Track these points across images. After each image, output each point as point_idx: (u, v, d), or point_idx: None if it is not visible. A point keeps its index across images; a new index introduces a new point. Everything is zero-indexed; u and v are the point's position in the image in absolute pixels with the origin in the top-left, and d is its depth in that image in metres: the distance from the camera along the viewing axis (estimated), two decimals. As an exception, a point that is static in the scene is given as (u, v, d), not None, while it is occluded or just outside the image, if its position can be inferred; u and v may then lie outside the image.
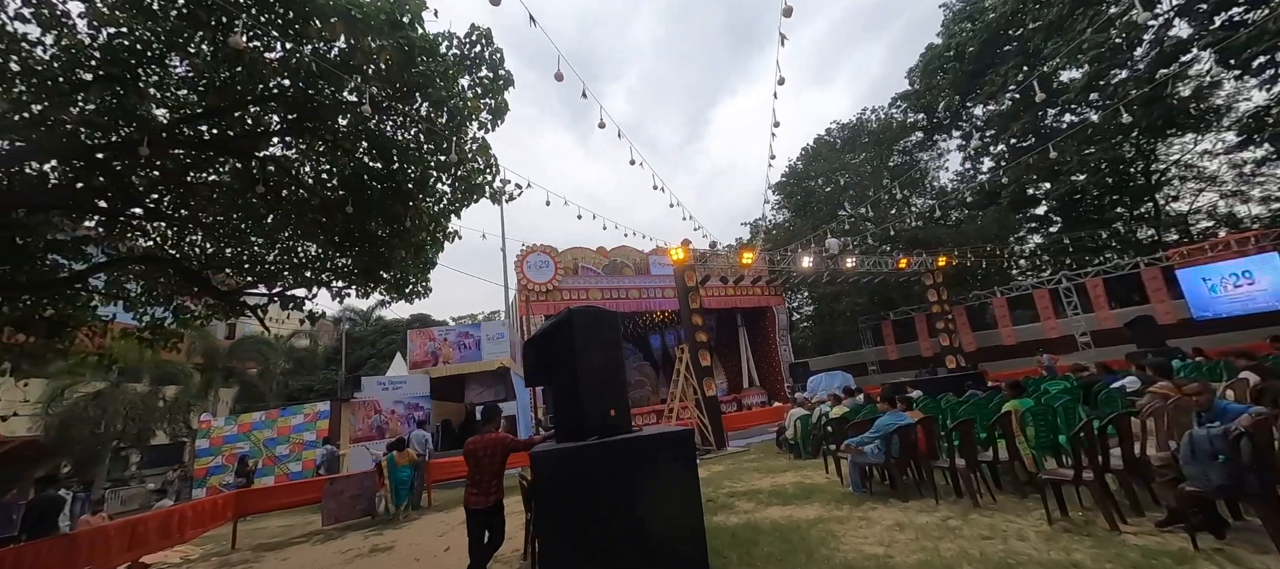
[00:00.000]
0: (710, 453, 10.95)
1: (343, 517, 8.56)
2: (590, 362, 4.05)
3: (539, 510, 3.42)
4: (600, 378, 4.08)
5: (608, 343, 4.24)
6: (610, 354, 4.22)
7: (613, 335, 4.33)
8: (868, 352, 24.21)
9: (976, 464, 5.16)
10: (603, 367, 4.12)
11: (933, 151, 28.20)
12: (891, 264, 15.74)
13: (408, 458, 9.36)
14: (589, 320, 4.16)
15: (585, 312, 4.19)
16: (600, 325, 4.22)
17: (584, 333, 4.09)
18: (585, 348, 4.06)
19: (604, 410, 4.04)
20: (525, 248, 19.71)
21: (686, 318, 11.96)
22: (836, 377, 14.59)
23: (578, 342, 4.04)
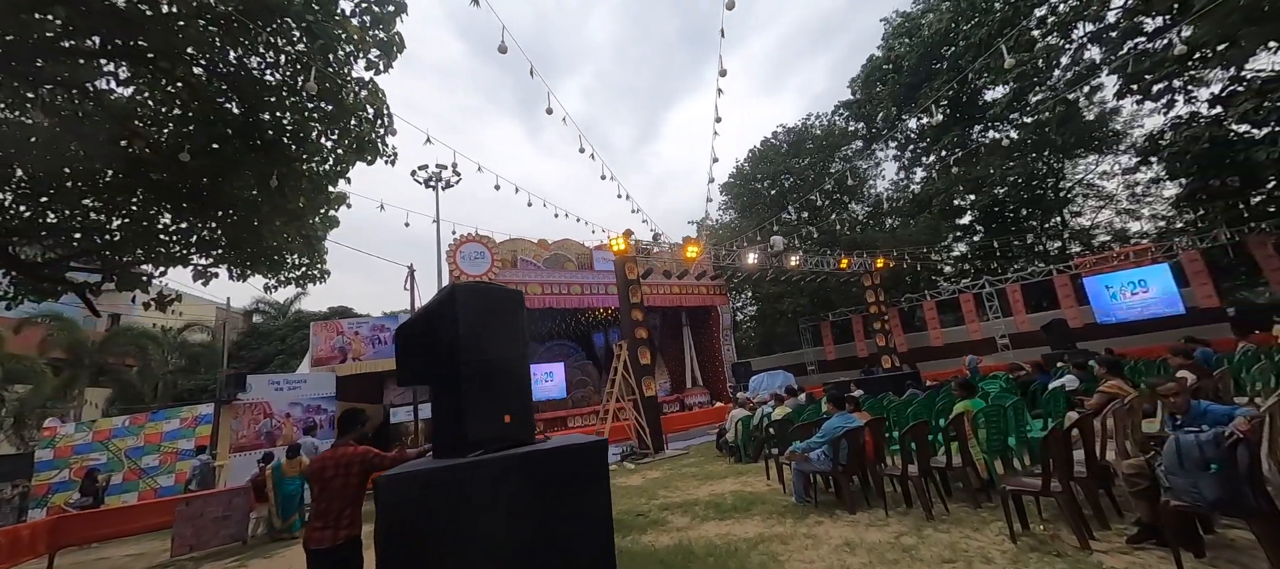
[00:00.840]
0: (648, 458, 10.18)
1: (202, 543, 7.03)
2: (479, 354, 3.10)
3: (382, 558, 2.46)
4: (491, 374, 3.13)
5: (506, 330, 3.30)
6: (508, 344, 3.28)
7: (514, 321, 3.39)
8: (808, 352, 24.44)
9: (930, 471, 4.63)
10: (497, 360, 3.18)
11: (871, 160, 29.03)
12: (833, 263, 15.69)
13: (299, 467, 7.93)
14: (479, 300, 3.20)
15: (474, 289, 3.23)
16: (496, 307, 3.27)
17: (472, 317, 3.13)
18: (473, 336, 3.10)
19: (495, 417, 3.10)
20: (459, 237, 18.22)
21: (626, 313, 11.14)
22: (778, 376, 14.27)
23: (463, 328, 3.08)
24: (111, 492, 11.12)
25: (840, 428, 5.03)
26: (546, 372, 24.29)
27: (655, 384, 11.04)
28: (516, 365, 3.32)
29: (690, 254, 12.51)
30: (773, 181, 27.58)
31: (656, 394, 11.00)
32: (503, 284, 18.01)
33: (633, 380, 10.60)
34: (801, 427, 6.11)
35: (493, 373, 3.14)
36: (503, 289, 3.38)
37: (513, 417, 3.18)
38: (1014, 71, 21.34)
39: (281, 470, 7.82)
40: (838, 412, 5.20)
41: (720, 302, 23.53)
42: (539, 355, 25.16)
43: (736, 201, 29.59)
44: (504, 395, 3.18)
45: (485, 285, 3.34)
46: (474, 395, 3.03)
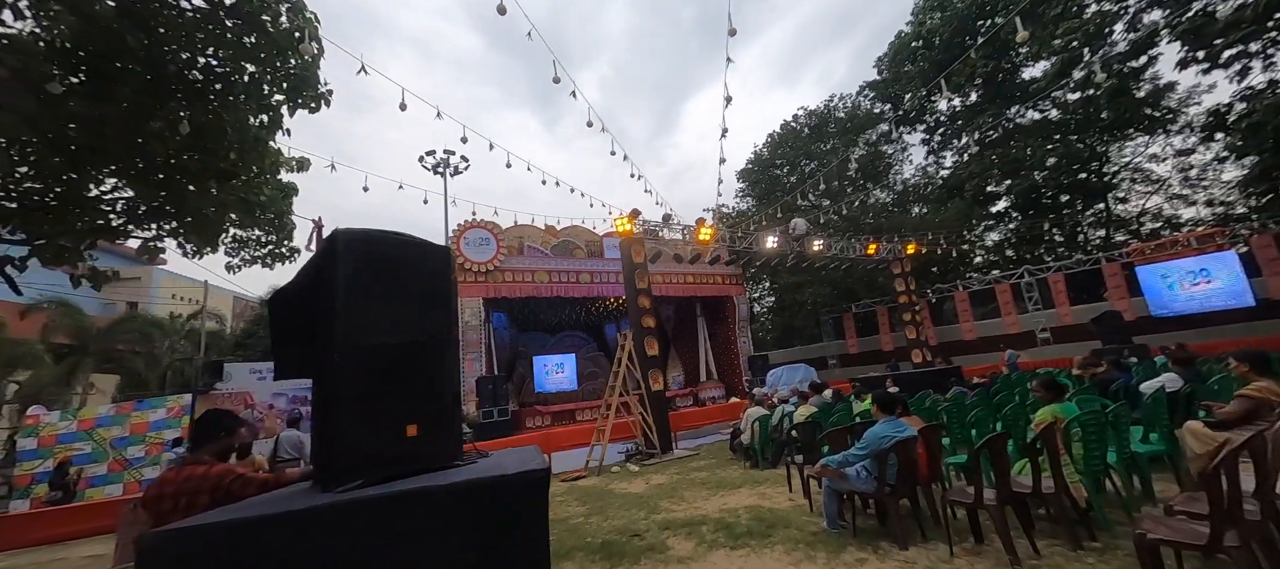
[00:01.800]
0: (654, 459, 9.12)
1: (152, 550, 6.23)
2: (365, 337, 2.05)
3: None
4: (385, 367, 2.08)
5: (416, 302, 2.25)
6: (417, 323, 2.22)
7: (431, 289, 2.33)
8: (829, 345, 23.04)
9: (1013, 497, 3.45)
10: (395, 347, 2.13)
11: (897, 144, 27.29)
12: (860, 250, 14.34)
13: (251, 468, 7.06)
14: (368, 256, 2.14)
15: (363, 240, 2.17)
16: (397, 268, 2.21)
17: (356, 282, 2.08)
18: (358, 310, 2.05)
19: (390, 429, 2.06)
20: (463, 223, 17.38)
21: (631, 299, 10.07)
22: (798, 370, 13.07)
23: (342, 299, 2.03)
24: (95, 483, 10.55)
25: (888, 438, 3.87)
26: (557, 362, 23.44)
27: (663, 378, 9.97)
28: (432, 353, 2.26)
29: (703, 236, 11.38)
30: (793, 167, 26.11)
31: (665, 388, 9.93)
32: (510, 271, 17.17)
33: (638, 373, 9.54)
34: (833, 432, 4.96)
35: (387, 365, 2.09)
36: (412, 241, 2.32)
37: (422, 428, 2.13)
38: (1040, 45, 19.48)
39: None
40: (885, 417, 4.04)
41: (736, 292, 22.31)
42: (550, 346, 24.33)
43: (755, 188, 28.19)
44: (407, 397, 2.13)
45: (382, 236, 2.29)
46: (355, 397, 1.99)
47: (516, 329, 22.97)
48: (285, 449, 7.71)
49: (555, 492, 7.50)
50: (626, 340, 9.55)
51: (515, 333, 22.82)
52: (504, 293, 17.38)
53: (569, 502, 6.83)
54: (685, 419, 11.15)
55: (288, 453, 7.72)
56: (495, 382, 14.89)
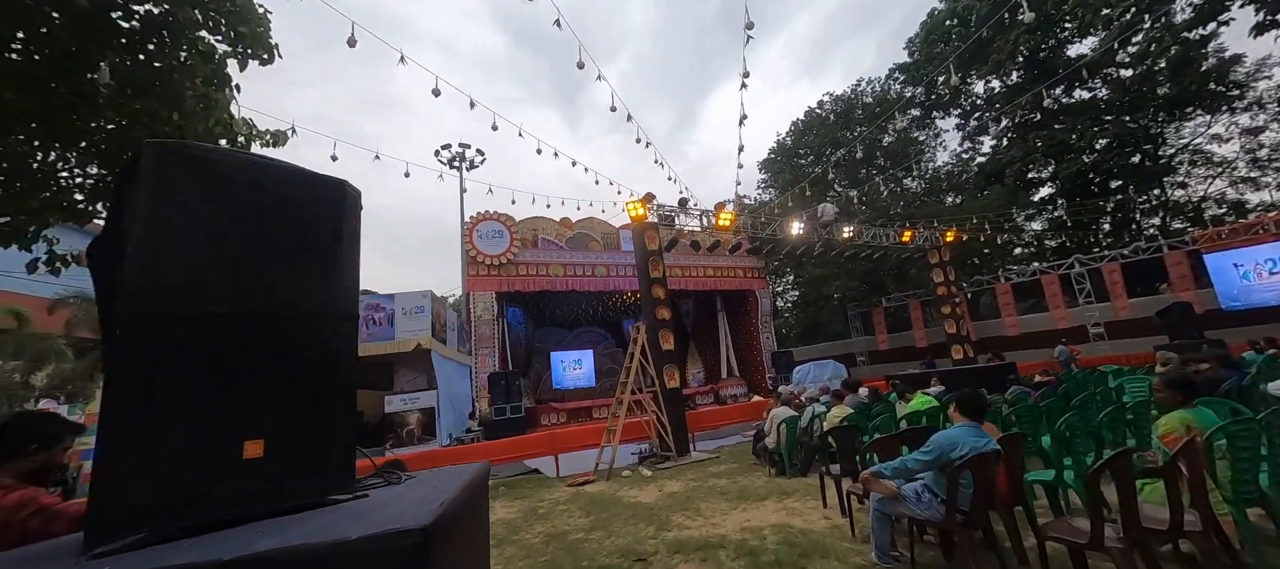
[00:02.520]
0: (669, 462, 8.31)
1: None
2: (179, 299, 1.30)
3: None
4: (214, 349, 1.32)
5: (283, 252, 1.49)
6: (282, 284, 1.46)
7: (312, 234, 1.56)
8: (857, 341, 21.77)
9: (1144, 536, 2.51)
10: (238, 317, 1.37)
11: (929, 130, 25.73)
12: (893, 237, 13.18)
13: None
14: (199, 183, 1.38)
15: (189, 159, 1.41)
16: (247, 202, 1.45)
17: (171, 216, 1.33)
18: (165, 256, 1.30)
19: (217, 449, 1.30)
20: (477, 215, 16.83)
21: (645, 290, 9.27)
22: (826, 366, 12.06)
23: (140, 238, 1.28)
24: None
25: (963, 447, 2.97)
26: (574, 359, 22.77)
27: (680, 374, 9.14)
28: (301, 335, 1.50)
29: (723, 221, 10.48)
30: (817, 156, 24.85)
31: (681, 386, 9.10)
32: (524, 264, 16.57)
33: (652, 369, 8.74)
34: (883, 440, 4.05)
35: (217, 348, 1.33)
36: (282, 170, 1.56)
37: (272, 446, 1.37)
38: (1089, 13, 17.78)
39: None
40: (965, 422, 3.13)
41: (759, 285, 21.26)
42: (567, 343, 23.69)
43: (777, 179, 27.00)
44: (251, 399, 1.37)
45: (227, 157, 1.54)
46: (148, 395, 1.24)
47: (532, 324, 22.41)
48: None
49: (557, 500, 6.77)
50: (639, 334, 8.76)
51: (531, 328, 22.26)
52: (517, 286, 16.77)
53: (572, 512, 6.08)
54: (704, 419, 10.30)
55: None
56: (508, 378, 14.28)
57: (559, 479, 8.26)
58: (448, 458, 7.88)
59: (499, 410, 13.85)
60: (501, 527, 5.77)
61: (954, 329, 13.52)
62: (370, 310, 10.46)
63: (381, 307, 10.54)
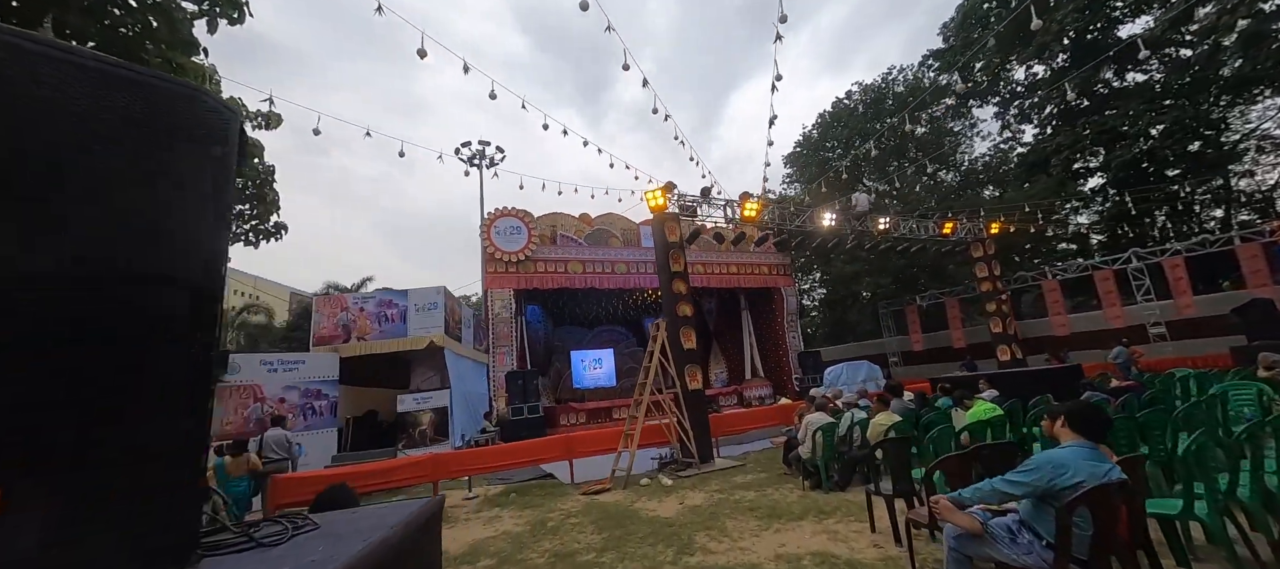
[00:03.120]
0: (690, 470, 7.66)
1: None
2: None
3: None
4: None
5: (92, 190, 0.92)
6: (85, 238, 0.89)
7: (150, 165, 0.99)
8: (889, 341, 20.63)
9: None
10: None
11: (966, 119, 24.34)
12: (932, 230, 12.19)
13: (246, 465, 6.33)
14: None
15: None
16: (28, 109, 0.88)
17: None
18: None
19: None
20: (495, 211, 16.48)
21: (665, 284, 8.64)
22: (860, 368, 11.21)
23: None
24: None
25: (1077, 476, 2.24)
26: (595, 358, 22.27)
27: (702, 375, 8.47)
28: (104, 302, 0.92)
29: (749, 212, 9.76)
30: (846, 148, 23.76)
31: (704, 387, 8.43)
32: (542, 261, 16.13)
33: (673, 369, 8.10)
34: (949, 460, 3.32)
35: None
36: (97, 67, 1.01)
37: (25, 500, 0.80)
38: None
39: (225, 470, 6.21)
40: (1078, 441, 2.41)
41: (785, 283, 20.40)
42: (587, 341, 23.21)
43: (803, 173, 25.96)
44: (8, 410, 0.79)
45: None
46: None
47: (552, 323, 22.01)
48: (272, 449, 6.91)
49: (569, 511, 6.19)
50: (659, 332, 8.14)
51: (550, 327, 21.86)
52: (535, 284, 16.35)
53: (584, 526, 5.50)
54: (728, 422, 9.59)
55: (274, 453, 6.91)
56: (526, 377, 13.84)
57: (573, 486, 7.70)
58: (455, 461, 7.41)
59: (516, 410, 13.42)
60: (506, 542, 5.24)
61: (999, 328, 12.43)
62: (383, 306, 10.13)
63: (394, 302, 10.21)
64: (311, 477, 6.68)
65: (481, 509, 6.87)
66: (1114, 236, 21.37)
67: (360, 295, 10.20)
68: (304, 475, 6.70)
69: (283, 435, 7.12)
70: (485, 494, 7.71)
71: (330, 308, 10.14)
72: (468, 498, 7.55)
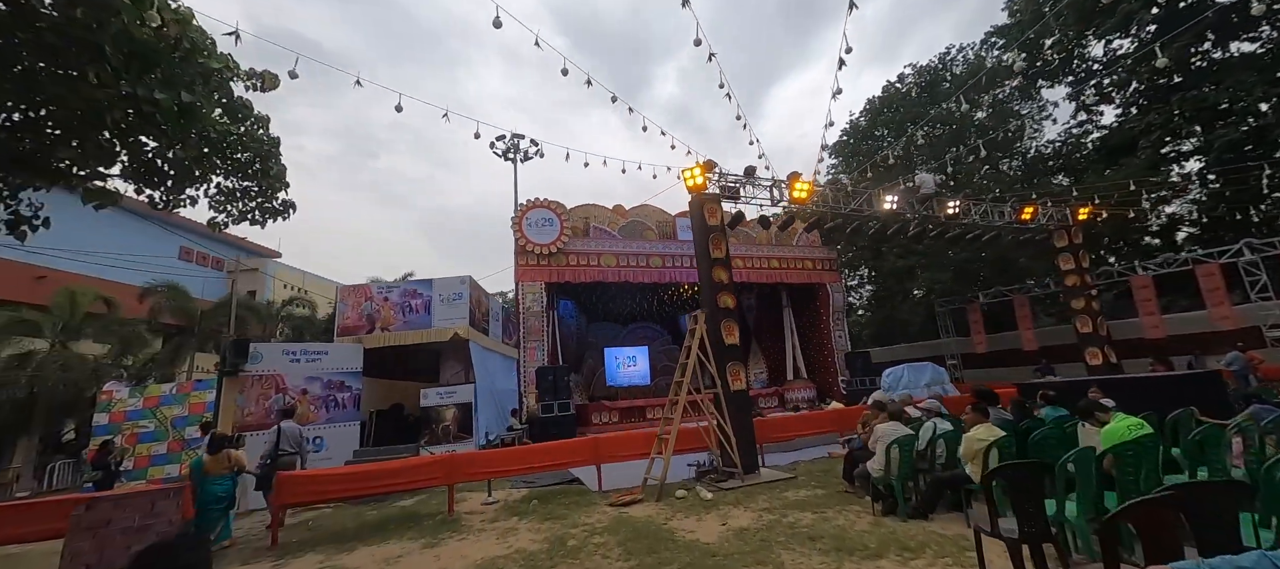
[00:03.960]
0: (732, 481, 6.67)
1: (105, 564, 4.98)
2: None
3: None
4: None
5: None
6: None
7: None
8: (947, 343, 18.78)
9: None
10: None
11: (1034, 101, 22.07)
12: (1009, 215, 10.63)
13: (227, 463, 5.78)
14: None
15: None
16: None
17: None
18: None
19: None
20: (527, 202, 15.93)
21: (705, 273, 7.68)
22: (924, 369, 9.87)
23: None
24: (157, 461, 10.19)
25: None
26: (629, 356, 21.49)
27: (744, 374, 7.46)
28: None
29: (799, 193, 8.63)
30: (898, 134, 21.96)
31: (746, 387, 7.42)
32: (574, 253, 15.43)
33: (712, 367, 7.13)
34: (1144, 508, 2.22)
35: None
36: None
37: None
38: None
39: (202, 467, 5.68)
40: None
41: (830, 279, 18.96)
42: (621, 338, 22.44)
43: (849, 164, 24.26)
44: None
45: None
46: None
47: (585, 318, 21.36)
48: (288, 443, 6.43)
49: (594, 526, 5.35)
50: (698, 325, 7.19)
51: (584, 322, 21.21)
52: (567, 277, 15.68)
53: (608, 548, 4.63)
54: (774, 428, 8.53)
55: (289, 448, 6.43)
56: (556, 373, 13.16)
57: (601, 494, 6.86)
58: (473, 463, 6.71)
59: (547, 407, 12.76)
60: (520, 563, 4.44)
61: (1088, 328, 10.71)
62: (407, 296, 9.63)
63: (419, 293, 9.68)
64: (321, 475, 6.12)
65: (498, 517, 6.13)
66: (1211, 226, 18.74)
67: (385, 285, 9.74)
68: (314, 473, 6.16)
69: (297, 429, 6.65)
70: (505, 500, 6.99)
71: (355, 298, 9.73)
72: (486, 503, 6.85)
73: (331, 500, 6.46)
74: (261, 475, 6.07)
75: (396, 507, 7.22)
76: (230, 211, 5.77)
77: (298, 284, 25.84)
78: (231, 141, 4.95)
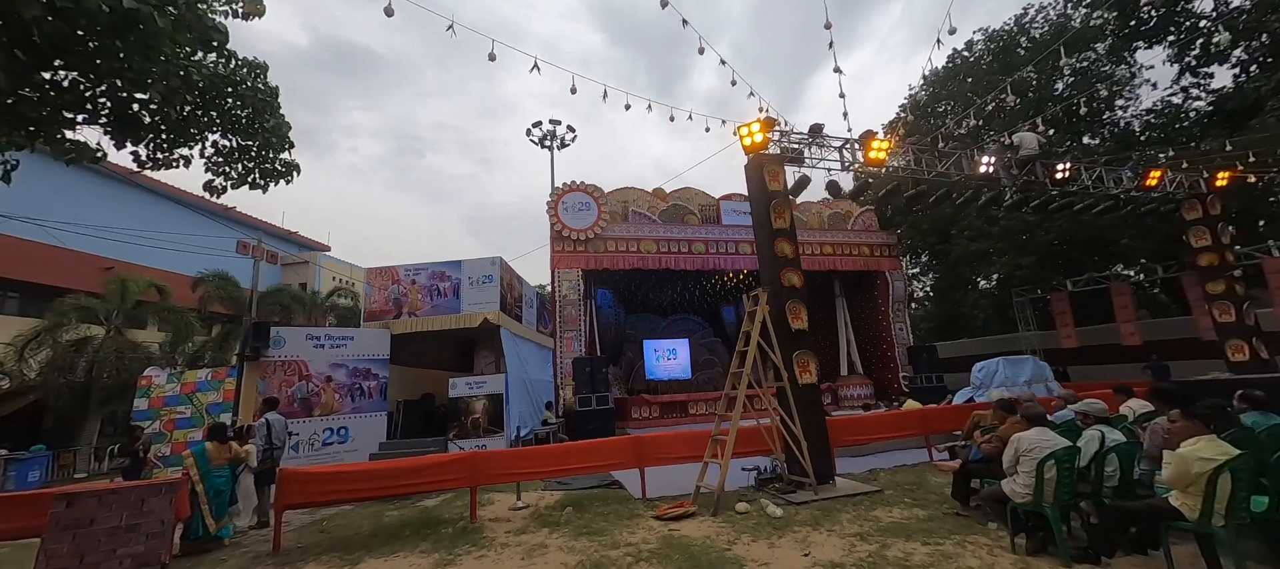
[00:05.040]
0: (803, 495, 5.46)
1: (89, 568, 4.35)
2: None
3: None
4: None
5: None
6: None
7: None
8: (1028, 336, 16.57)
9: None
10: None
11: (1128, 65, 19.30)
12: (1126, 182, 8.76)
13: (229, 453, 5.17)
14: None
15: None
16: None
17: None
18: None
19: None
20: (563, 185, 15.06)
21: (765, 247, 6.45)
22: (1023, 363, 8.26)
23: None
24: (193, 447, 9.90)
25: None
26: (669, 348, 20.37)
27: (813, 367, 6.20)
28: None
29: (876, 153, 7.22)
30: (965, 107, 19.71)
31: (814, 381, 6.16)
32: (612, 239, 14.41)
33: (777, 356, 5.91)
34: None
35: None
36: None
37: None
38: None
39: (206, 456, 5.06)
40: None
41: (890, 265, 17.18)
42: (661, 330, 21.33)
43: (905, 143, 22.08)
44: None
45: None
46: None
47: (624, 310, 20.39)
48: (278, 436, 5.78)
49: (639, 548, 4.27)
50: (759, 307, 5.99)
51: (622, 313, 20.25)
52: (605, 264, 14.71)
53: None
54: (842, 429, 7.20)
55: (277, 441, 5.78)
56: (594, 364, 12.23)
57: (645, 503, 5.81)
58: (500, 463, 5.79)
59: (584, 400, 11.85)
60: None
61: (1228, 316, 8.70)
62: (435, 279, 8.89)
63: (447, 275, 8.91)
64: (326, 474, 5.33)
65: (527, 527, 5.18)
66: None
67: (412, 267, 9.03)
68: (318, 472, 5.39)
69: (281, 421, 6.07)
70: (536, 505, 6.04)
71: (382, 280, 9.08)
72: (514, 509, 5.92)
73: (344, 501, 5.70)
74: (259, 472, 5.41)
75: (418, 507, 6.43)
76: (228, 173, 5.09)
77: (345, 275, 26.20)
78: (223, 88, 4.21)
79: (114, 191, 19.90)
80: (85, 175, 18.20)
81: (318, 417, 7.88)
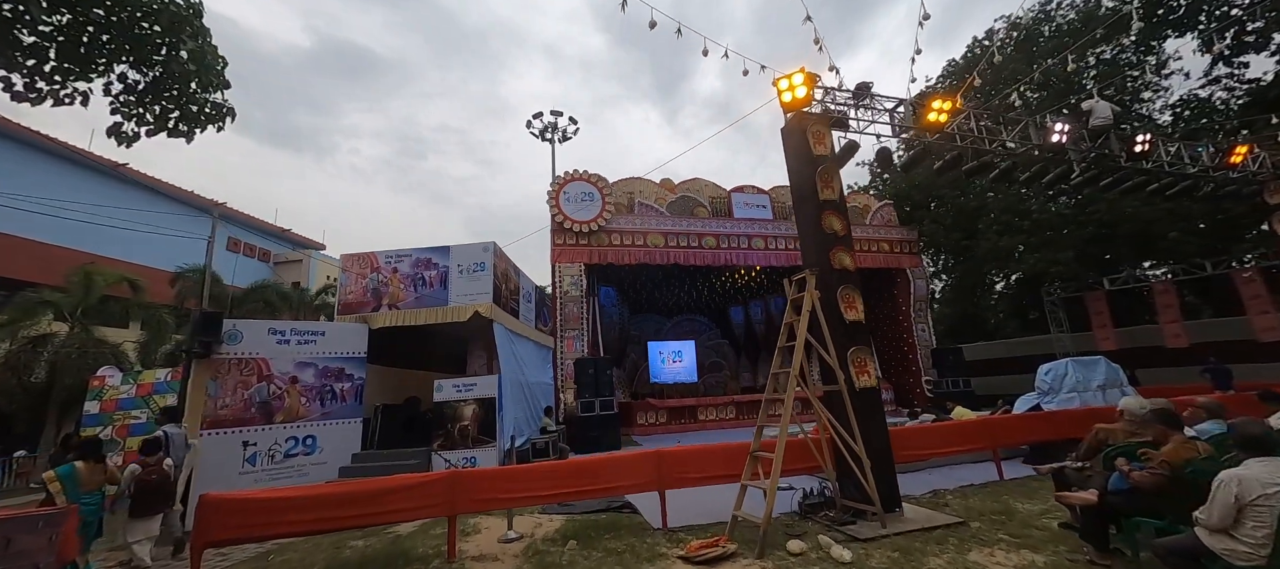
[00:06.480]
0: (869, 529, 4.27)
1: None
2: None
3: None
4: None
5: None
6: None
7: None
8: (1060, 338, 15.36)
9: None
10: None
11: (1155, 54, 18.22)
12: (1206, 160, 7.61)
13: (103, 476, 4.06)
14: None
15: None
16: None
17: None
18: None
19: None
20: (565, 174, 13.95)
21: (810, 221, 5.29)
22: (1096, 365, 7.07)
23: None
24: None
25: None
26: (675, 350, 19.20)
27: (872, 368, 5.01)
28: None
29: (935, 115, 6.09)
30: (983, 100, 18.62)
31: (876, 382, 4.96)
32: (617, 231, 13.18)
33: (831, 355, 4.72)
34: None
35: None
36: None
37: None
38: None
39: (76, 478, 3.91)
40: None
41: (910, 262, 16.04)
42: (666, 332, 20.16)
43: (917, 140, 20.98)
44: None
45: None
46: None
47: (628, 309, 19.21)
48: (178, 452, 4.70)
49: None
50: (806, 293, 4.81)
51: (626, 313, 19.06)
52: (610, 258, 13.57)
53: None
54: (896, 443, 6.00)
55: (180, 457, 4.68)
56: (598, 366, 11.06)
57: (665, 535, 4.61)
58: (485, 484, 4.56)
59: (586, 405, 10.68)
60: None
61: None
62: (420, 267, 7.69)
63: (433, 262, 7.69)
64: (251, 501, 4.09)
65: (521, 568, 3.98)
66: None
67: (394, 253, 7.86)
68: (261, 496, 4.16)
69: (179, 433, 5.03)
70: (531, 536, 4.84)
71: (359, 268, 7.87)
72: (504, 541, 4.71)
73: (281, 535, 4.48)
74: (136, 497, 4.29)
75: (389, 535, 5.23)
76: (140, 115, 3.94)
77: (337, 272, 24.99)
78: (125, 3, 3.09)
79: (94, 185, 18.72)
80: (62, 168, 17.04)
81: (279, 424, 6.67)
